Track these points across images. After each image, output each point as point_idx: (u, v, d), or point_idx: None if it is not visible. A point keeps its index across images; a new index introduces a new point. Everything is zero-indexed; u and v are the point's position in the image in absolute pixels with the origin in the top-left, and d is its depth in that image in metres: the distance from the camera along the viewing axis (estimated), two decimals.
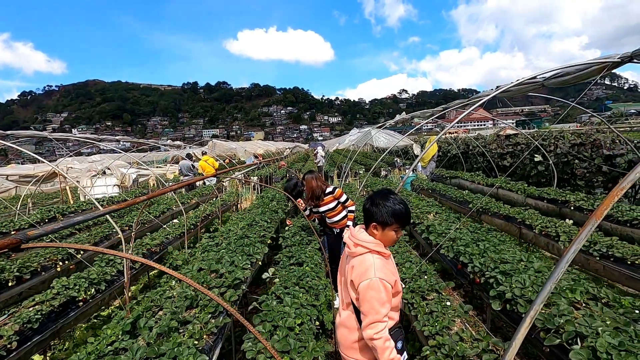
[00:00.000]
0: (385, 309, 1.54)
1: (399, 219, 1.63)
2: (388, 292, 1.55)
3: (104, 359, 2.14)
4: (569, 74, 3.32)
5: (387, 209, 1.62)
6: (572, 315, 1.94)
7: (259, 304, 2.77)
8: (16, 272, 3.55)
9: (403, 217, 1.63)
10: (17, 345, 2.73)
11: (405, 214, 1.64)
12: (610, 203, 1.01)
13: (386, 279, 1.56)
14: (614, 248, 3.54)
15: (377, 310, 1.52)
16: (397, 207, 1.63)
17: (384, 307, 1.53)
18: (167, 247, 5.40)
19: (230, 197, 9.70)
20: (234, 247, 3.70)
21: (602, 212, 1.00)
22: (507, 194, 7.01)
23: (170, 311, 2.33)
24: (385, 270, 1.59)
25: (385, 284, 1.55)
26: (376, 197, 1.70)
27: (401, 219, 1.63)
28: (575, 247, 1.05)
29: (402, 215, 1.63)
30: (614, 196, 1.02)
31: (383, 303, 1.53)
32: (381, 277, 1.55)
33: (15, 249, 0.93)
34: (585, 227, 1.03)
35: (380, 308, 1.52)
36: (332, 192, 4.08)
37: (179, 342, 1.88)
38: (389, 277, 1.58)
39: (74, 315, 3.41)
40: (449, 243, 3.46)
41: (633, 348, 1.58)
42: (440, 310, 2.59)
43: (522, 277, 2.42)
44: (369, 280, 1.54)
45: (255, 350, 2.15)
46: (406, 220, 1.65)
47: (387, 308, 1.55)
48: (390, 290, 1.57)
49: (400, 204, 1.64)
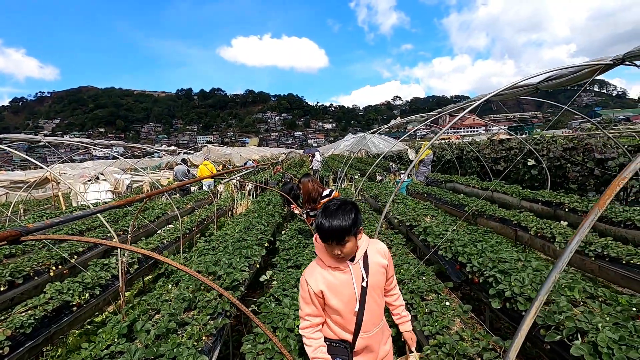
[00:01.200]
0: (308, 309, 1.63)
1: (318, 231, 1.58)
2: (310, 294, 1.61)
3: None
4: (563, 76, 3.38)
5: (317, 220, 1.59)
6: (571, 312, 1.95)
7: (257, 307, 2.74)
8: (8, 277, 3.47)
9: (319, 230, 1.56)
10: (9, 351, 2.66)
11: (320, 227, 1.54)
12: (613, 192, 1.03)
13: (310, 283, 1.60)
14: (609, 248, 3.58)
15: (301, 307, 1.66)
16: (319, 219, 1.56)
17: (307, 307, 1.63)
18: (163, 251, 5.35)
19: (226, 202, 9.64)
20: (232, 249, 3.67)
21: (605, 201, 1.02)
22: (502, 197, 7.07)
23: (168, 313, 2.29)
24: (315, 275, 1.62)
25: (308, 287, 1.60)
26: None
27: (319, 231, 1.57)
28: (578, 237, 1.06)
29: (319, 228, 1.56)
30: (616, 186, 1.03)
31: (306, 303, 1.63)
32: (307, 278, 1.62)
33: (15, 241, 0.91)
34: (588, 216, 1.04)
35: (303, 305, 1.64)
36: (329, 194, 4.11)
37: (178, 343, 1.84)
38: (315, 283, 1.61)
39: (68, 321, 3.34)
40: (447, 244, 3.47)
41: (633, 342, 1.59)
42: (439, 310, 2.59)
43: (521, 276, 2.43)
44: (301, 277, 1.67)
45: (255, 352, 2.13)
46: (322, 234, 1.55)
47: (310, 309, 1.63)
48: (312, 294, 1.60)
49: (324, 218, 1.55)
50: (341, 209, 1.56)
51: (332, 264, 1.63)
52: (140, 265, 4.68)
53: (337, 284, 1.63)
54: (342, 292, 1.63)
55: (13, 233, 0.90)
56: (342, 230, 1.52)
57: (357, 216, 1.58)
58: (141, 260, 4.74)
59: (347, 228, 1.52)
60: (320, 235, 1.58)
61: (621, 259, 3.38)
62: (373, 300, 1.68)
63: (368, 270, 1.66)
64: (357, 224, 1.57)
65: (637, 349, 1.56)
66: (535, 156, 9.66)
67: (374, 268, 1.68)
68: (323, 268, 1.64)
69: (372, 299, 1.67)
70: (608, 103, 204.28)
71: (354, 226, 1.55)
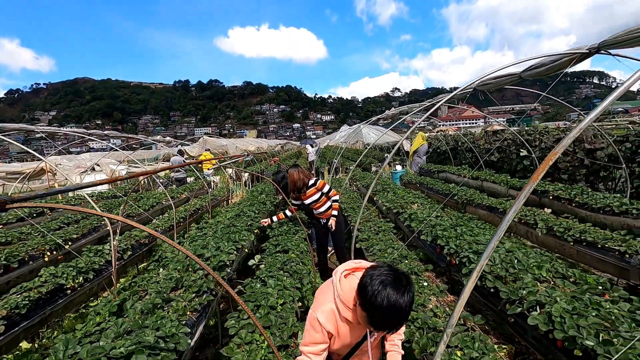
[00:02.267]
0: (313, 348, 1.55)
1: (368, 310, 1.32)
2: (321, 333, 1.53)
3: (91, 337, 2.21)
4: (544, 65, 3.45)
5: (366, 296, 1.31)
6: (535, 288, 2.06)
7: (243, 287, 2.86)
8: (4, 261, 3.57)
9: (375, 312, 1.29)
10: (5, 330, 2.77)
11: (380, 312, 1.27)
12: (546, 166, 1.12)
13: (324, 325, 1.52)
14: (586, 233, 3.70)
15: (305, 342, 1.58)
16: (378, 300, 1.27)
17: (313, 347, 1.55)
18: (156, 239, 5.45)
19: (221, 193, 9.74)
20: (221, 234, 3.77)
21: (539, 175, 1.11)
22: (492, 186, 7.19)
23: (155, 291, 2.40)
24: (330, 320, 1.53)
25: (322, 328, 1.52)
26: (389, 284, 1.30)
27: (380, 310, 1.27)
28: (515, 207, 1.15)
29: (375, 309, 1.28)
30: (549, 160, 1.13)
31: (314, 342, 1.54)
32: (320, 319, 1.52)
33: (1, 208, 1.00)
34: (524, 189, 1.13)
35: (308, 342, 1.56)
36: (315, 184, 4.17)
37: (162, 316, 1.95)
38: (328, 325, 1.53)
39: (63, 303, 3.46)
40: (430, 229, 3.59)
41: (585, 312, 1.71)
42: (417, 290, 2.71)
43: (493, 256, 2.54)
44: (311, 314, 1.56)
45: (238, 327, 2.25)
46: (379, 320, 1.30)
47: (316, 348, 1.55)
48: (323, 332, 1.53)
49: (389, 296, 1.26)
50: (403, 283, 1.29)
51: (350, 320, 1.52)
52: (134, 252, 4.79)
53: (346, 333, 1.58)
54: (347, 339, 1.61)
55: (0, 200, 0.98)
56: (405, 317, 1.28)
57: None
58: (135, 247, 4.85)
59: (408, 313, 1.29)
60: (376, 317, 1.30)
61: (597, 243, 3.50)
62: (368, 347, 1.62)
63: None
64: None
65: (586, 317, 1.67)
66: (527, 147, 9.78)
67: None
68: (339, 316, 1.54)
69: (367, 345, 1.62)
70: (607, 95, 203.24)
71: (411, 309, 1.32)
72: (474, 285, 2.62)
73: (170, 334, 1.78)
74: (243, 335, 2.12)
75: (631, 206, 3.93)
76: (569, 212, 4.70)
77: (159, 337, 1.70)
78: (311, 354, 1.56)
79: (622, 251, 3.22)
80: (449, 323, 1.30)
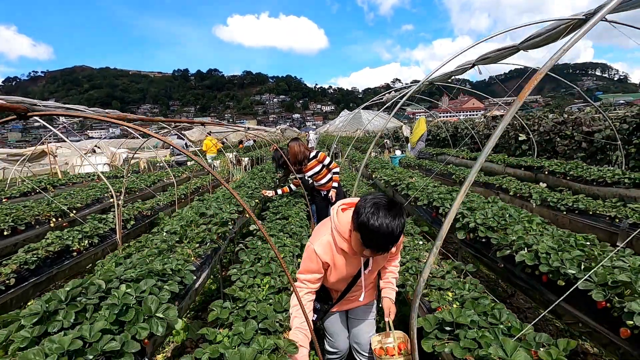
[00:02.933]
0: (309, 276, 1.66)
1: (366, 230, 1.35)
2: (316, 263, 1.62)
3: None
4: (540, 34, 3.49)
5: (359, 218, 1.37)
6: (524, 235, 2.16)
7: (244, 244, 2.96)
8: (11, 222, 3.67)
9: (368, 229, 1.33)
10: (15, 283, 2.88)
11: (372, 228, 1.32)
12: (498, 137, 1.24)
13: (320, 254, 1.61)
14: (579, 202, 3.79)
15: (301, 270, 1.70)
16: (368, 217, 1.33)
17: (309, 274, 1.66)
18: (158, 213, 5.55)
19: (222, 174, 9.83)
20: (222, 200, 3.87)
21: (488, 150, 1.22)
22: (489, 165, 7.28)
23: (160, 241, 2.50)
24: (326, 250, 1.61)
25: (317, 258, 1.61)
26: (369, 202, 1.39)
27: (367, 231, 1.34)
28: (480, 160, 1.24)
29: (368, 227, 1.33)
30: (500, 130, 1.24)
31: (309, 271, 1.65)
32: (317, 250, 1.61)
33: (23, 115, 1.07)
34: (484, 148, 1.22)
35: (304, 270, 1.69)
36: (316, 156, 4.25)
37: (168, 257, 2.05)
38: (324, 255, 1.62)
39: (69, 265, 3.56)
40: (426, 195, 3.69)
41: (568, 249, 1.80)
42: (412, 246, 2.81)
43: (485, 211, 2.64)
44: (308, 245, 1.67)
45: (240, 274, 2.35)
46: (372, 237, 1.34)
47: (311, 276, 1.65)
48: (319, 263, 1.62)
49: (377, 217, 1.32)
50: (395, 208, 1.36)
51: (346, 250, 1.58)
52: (137, 223, 4.89)
53: (342, 264, 1.64)
54: (343, 271, 1.67)
55: (21, 107, 1.06)
56: (394, 239, 1.34)
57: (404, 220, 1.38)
58: (137, 218, 4.95)
59: (398, 236, 1.36)
60: (367, 236, 1.36)
61: (589, 211, 3.60)
62: (366, 278, 1.72)
63: (375, 259, 1.66)
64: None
65: (570, 252, 1.77)
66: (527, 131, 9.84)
67: (380, 257, 1.64)
68: (336, 247, 1.61)
69: (367, 279, 1.73)
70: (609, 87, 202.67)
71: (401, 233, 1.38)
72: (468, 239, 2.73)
73: (177, 269, 1.88)
74: (245, 280, 2.23)
75: (623, 176, 4.02)
76: (564, 185, 4.79)
77: (166, 269, 1.80)
78: (306, 281, 1.68)
79: (612, 216, 3.32)
80: (430, 253, 1.40)
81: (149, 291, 1.51)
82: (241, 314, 1.85)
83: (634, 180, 3.89)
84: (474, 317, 1.57)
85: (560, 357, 1.29)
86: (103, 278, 1.55)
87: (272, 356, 1.44)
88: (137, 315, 1.36)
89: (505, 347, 1.30)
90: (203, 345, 1.58)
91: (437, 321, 1.66)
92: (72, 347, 1.11)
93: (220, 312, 1.84)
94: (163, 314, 1.42)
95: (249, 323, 1.69)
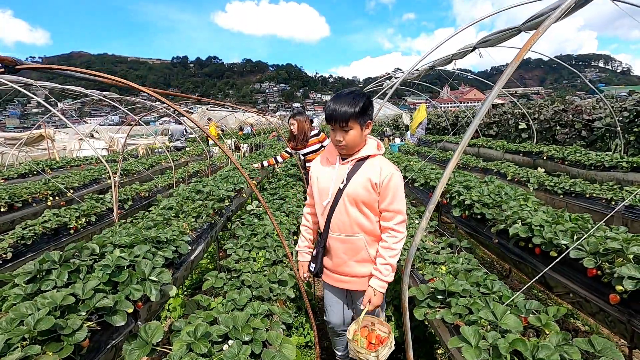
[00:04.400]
0: (308, 189, 1.84)
1: (326, 110, 1.57)
2: (310, 177, 1.81)
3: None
4: (543, 14, 3.43)
5: None
6: (519, 211, 2.16)
7: (241, 222, 2.97)
8: (7, 199, 3.67)
9: (327, 109, 1.56)
10: (12, 257, 2.89)
11: (328, 106, 1.55)
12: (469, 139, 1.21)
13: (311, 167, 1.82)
14: (575, 185, 3.80)
15: None
16: (329, 101, 1.57)
17: (308, 187, 1.85)
18: (156, 195, 5.55)
19: (220, 160, 9.81)
20: (219, 179, 3.86)
21: (466, 142, 1.20)
22: (487, 151, 7.27)
23: (157, 214, 2.50)
24: (316, 162, 1.79)
25: (310, 171, 1.82)
26: None
27: (326, 110, 1.57)
28: (468, 134, 1.22)
29: (327, 107, 1.56)
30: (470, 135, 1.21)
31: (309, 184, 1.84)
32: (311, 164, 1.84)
33: (11, 68, 1.05)
34: (464, 137, 1.20)
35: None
36: (318, 134, 4.18)
37: (163, 228, 2.05)
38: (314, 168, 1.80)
39: (66, 242, 3.56)
40: (421, 177, 3.68)
41: (561, 221, 1.81)
42: (409, 224, 2.82)
43: (482, 189, 2.64)
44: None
45: (235, 248, 2.36)
46: (328, 113, 1.54)
47: (309, 189, 1.83)
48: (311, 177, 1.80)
49: (333, 99, 1.56)
50: (353, 93, 1.54)
51: (329, 158, 1.69)
52: (135, 204, 4.89)
53: (323, 176, 1.69)
54: (323, 185, 1.67)
55: (10, 60, 1.04)
56: (346, 113, 1.48)
57: (367, 106, 1.52)
58: (135, 200, 4.95)
59: (353, 113, 1.48)
60: (326, 115, 1.55)
61: (585, 194, 3.60)
62: (344, 209, 1.60)
63: (352, 176, 1.58)
64: (366, 114, 1.52)
65: (563, 224, 1.78)
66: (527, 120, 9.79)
67: (359, 179, 1.56)
68: (322, 159, 1.74)
69: (343, 207, 1.60)
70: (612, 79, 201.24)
71: (362, 114, 1.50)
72: (463, 217, 2.74)
73: (171, 238, 1.88)
74: (240, 253, 2.24)
75: (621, 160, 4.01)
76: (562, 170, 4.79)
77: (160, 236, 1.80)
78: (306, 206, 1.88)
79: (609, 199, 3.32)
80: (422, 218, 1.40)
81: (142, 256, 1.51)
82: (236, 284, 1.87)
83: (631, 164, 3.89)
84: (466, 287, 1.58)
85: (550, 321, 1.30)
86: (97, 243, 1.55)
87: (264, 320, 1.46)
88: (130, 278, 1.36)
89: (495, 312, 1.31)
90: (197, 311, 1.60)
91: (430, 291, 1.67)
92: (65, 303, 1.12)
93: (215, 281, 1.86)
94: (157, 277, 1.43)
95: (243, 291, 1.71)
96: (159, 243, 1.76)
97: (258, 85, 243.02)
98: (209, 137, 1.31)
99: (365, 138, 1.61)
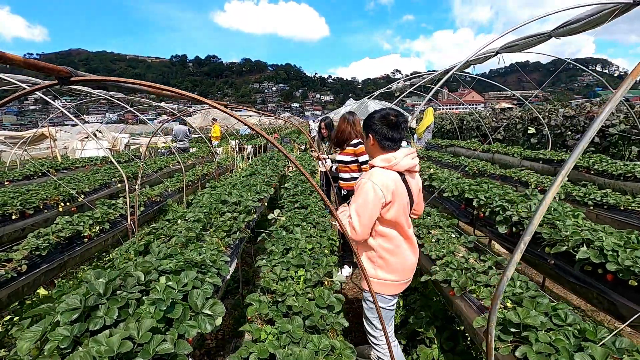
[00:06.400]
0: None
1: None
2: None
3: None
4: (579, 20, 3.31)
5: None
6: (579, 229, 2.04)
7: (268, 235, 2.82)
8: (19, 206, 3.50)
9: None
10: (27, 270, 2.74)
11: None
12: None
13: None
14: (608, 197, 3.67)
15: None
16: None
17: None
18: (167, 199, 5.40)
19: (226, 161, 9.66)
20: (240, 187, 3.71)
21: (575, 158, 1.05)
22: (503, 157, 7.15)
23: (185, 228, 2.36)
24: None
25: None
26: None
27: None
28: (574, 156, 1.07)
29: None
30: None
31: None
32: None
33: (65, 80, 0.91)
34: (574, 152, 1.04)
35: None
36: (355, 145, 3.64)
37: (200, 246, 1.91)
38: None
39: (80, 251, 3.42)
40: (452, 187, 3.55)
41: (636, 247, 1.68)
42: (445, 239, 2.69)
43: (529, 204, 2.51)
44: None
45: (270, 266, 2.22)
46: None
47: None
48: None
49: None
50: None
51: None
52: (146, 209, 4.74)
53: None
54: None
55: (65, 71, 0.90)
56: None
57: (372, 121, 1.91)
58: (147, 205, 4.80)
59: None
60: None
61: (619, 206, 3.48)
62: None
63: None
64: (369, 126, 1.92)
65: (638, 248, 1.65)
66: (536, 124, 9.70)
67: None
68: None
69: None
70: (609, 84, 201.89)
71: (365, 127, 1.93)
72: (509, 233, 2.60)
73: (213, 260, 1.74)
74: (278, 272, 2.09)
75: None
76: (587, 180, 4.67)
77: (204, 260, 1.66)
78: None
79: None
80: (513, 259, 1.26)
81: (191, 284, 1.36)
82: (281, 309, 1.72)
83: None
84: (542, 318, 1.44)
85: None
86: (142, 270, 1.40)
87: (329, 358, 1.32)
88: (184, 312, 1.22)
89: (594, 354, 1.18)
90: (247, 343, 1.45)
91: (499, 321, 1.53)
92: (123, 350, 0.97)
93: (259, 306, 1.72)
94: (210, 310, 1.29)
95: (294, 320, 1.57)
96: (203, 267, 1.61)
97: (257, 85, 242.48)
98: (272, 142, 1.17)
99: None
